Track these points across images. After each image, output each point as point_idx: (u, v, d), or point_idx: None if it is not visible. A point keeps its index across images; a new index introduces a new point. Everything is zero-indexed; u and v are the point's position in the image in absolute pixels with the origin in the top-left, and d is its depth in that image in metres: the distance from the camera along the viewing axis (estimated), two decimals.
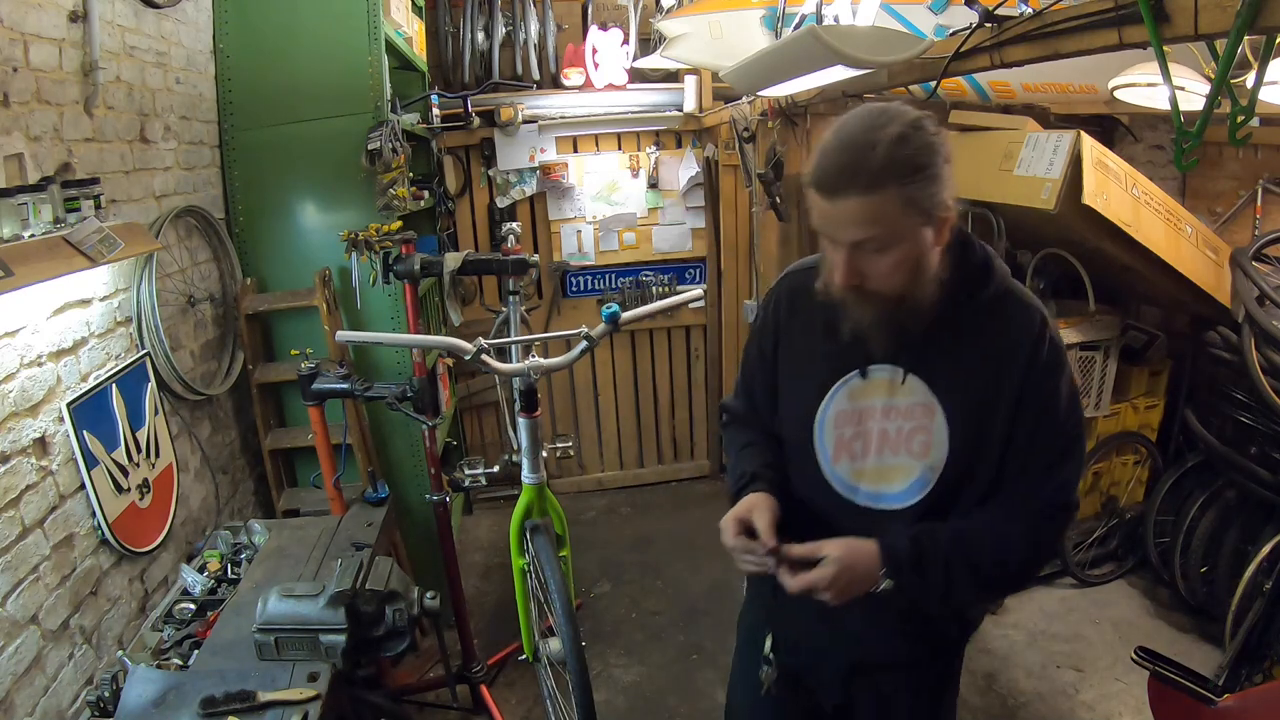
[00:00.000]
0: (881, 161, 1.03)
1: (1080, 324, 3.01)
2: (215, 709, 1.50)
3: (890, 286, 1.12)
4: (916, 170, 1.05)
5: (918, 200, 1.06)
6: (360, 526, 2.28)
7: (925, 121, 1.08)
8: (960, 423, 1.20)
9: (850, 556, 1.15)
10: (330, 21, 2.67)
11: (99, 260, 1.66)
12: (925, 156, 1.06)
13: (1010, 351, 1.18)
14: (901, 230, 1.08)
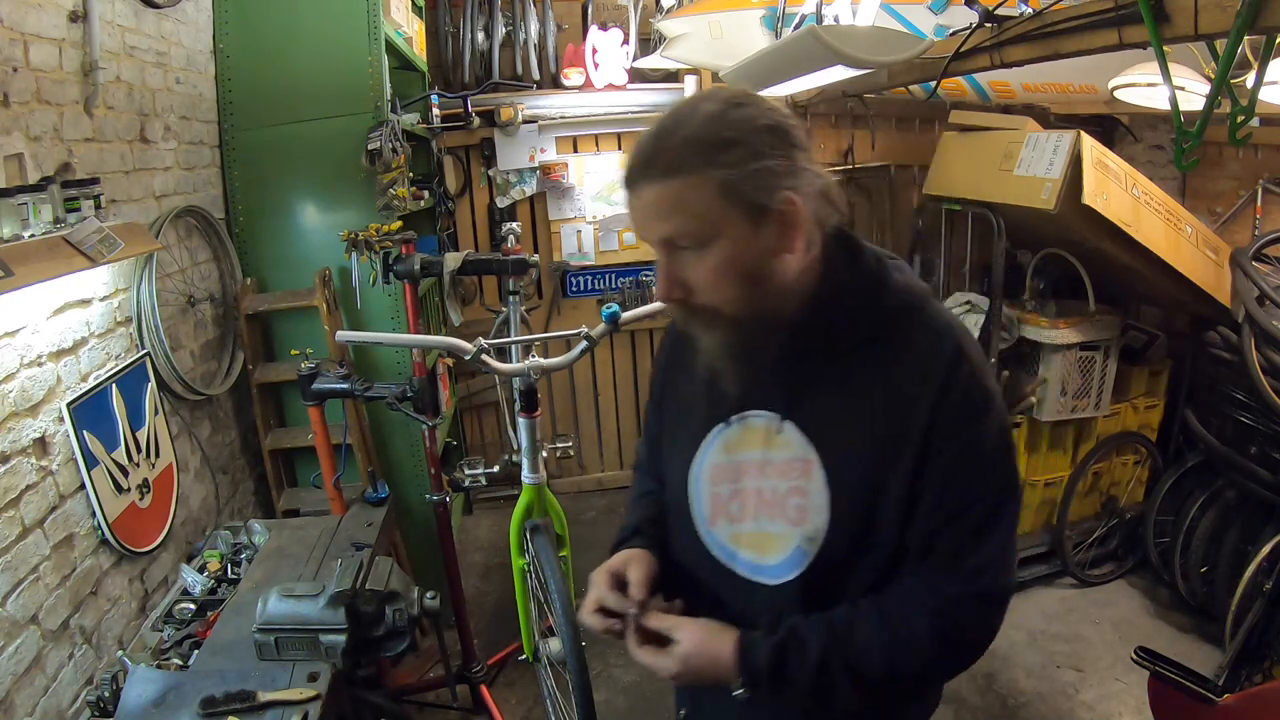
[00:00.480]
0: (682, 140, 0.86)
1: (1080, 324, 3.01)
2: (215, 709, 1.50)
3: (721, 299, 0.91)
4: (727, 146, 0.85)
5: (735, 186, 0.85)
6: (360, 526, 2.28)
7: (756, 100, 0.90)
8: (844, 482, 0.95)
9: (700, 652, 0.96)
10: (330, 21, 2.67)
11: (99, 260, 1.66)
12: (742, 133, 0.86)
13: (911, 390, 0.92)
14: (716, 223, 0.87)
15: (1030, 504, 3.28)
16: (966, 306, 3.14)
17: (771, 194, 0.87)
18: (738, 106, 0.88)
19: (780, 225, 0.89)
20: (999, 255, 2.99)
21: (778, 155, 0.87)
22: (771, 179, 0.87)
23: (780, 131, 0.89)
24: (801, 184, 0.89)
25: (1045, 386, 3.05)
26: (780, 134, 0.89)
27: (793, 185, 0.88)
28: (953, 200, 3.24)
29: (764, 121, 0.88)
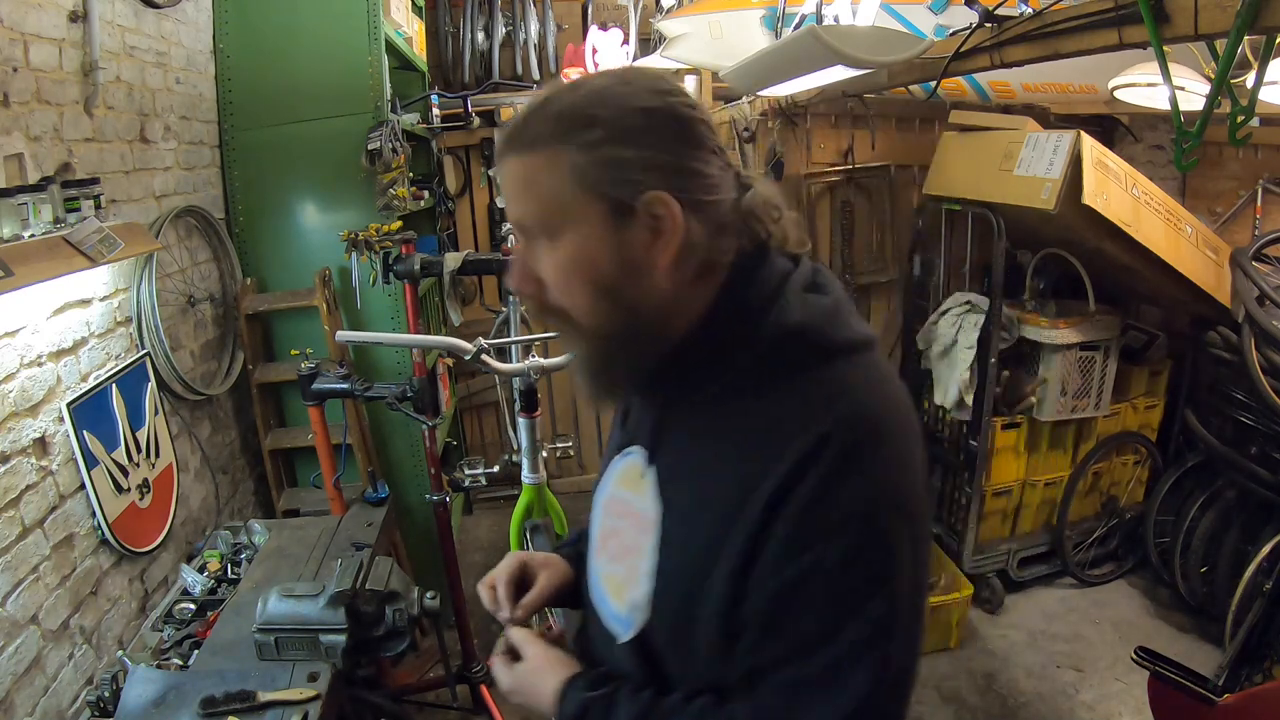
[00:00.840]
0: (551, 113, 0.74)
1: (1080, 324, 3.01)
2: (215, 709, 1.50)
3: (571, 304, 0.77)
4: (589, 125, 0.72)
5: (586, 172, 0.72)
6: (360, 526, 2.28)
7: (657, 82, 0.76)
8: (671, 558, 0.79)
9: (530, 680, 0.90)
10: (330, 21, 2.67)
11: (99, 260, 1.66)
12: (612, 113, 0.72)
13: (759, 468, 0.71)
14: (566, 211, 0.73)
15: (1030, 504, 3.28)
16: (966, 306, 3.14)
17: (634, 190, 0.72)
18: (625, 84, 0.75)
19: (647, 232, 0.73)
20: (999, 255, 2.99)
21: (653, 147, 0.73)
22: (635, 172, 0.72)
23: (670, 120, 0.74)
24: (688, 188, 0.73)
25: (1045, 386, 3.05)
26: (669, 123, 0.74)
27: (670, 186, 0.72)
28: (953, 200, 3.24)
29: (646, 104, 0.73)
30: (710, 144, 0.77)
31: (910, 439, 0.76)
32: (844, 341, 0.78)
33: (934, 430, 3.43)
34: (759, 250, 0.80)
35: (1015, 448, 3.17)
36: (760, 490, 0.70)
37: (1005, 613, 3.21)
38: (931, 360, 3.27)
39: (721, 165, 0.78)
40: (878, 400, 0.75)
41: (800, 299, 0.77)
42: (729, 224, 0.78)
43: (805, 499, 0.69)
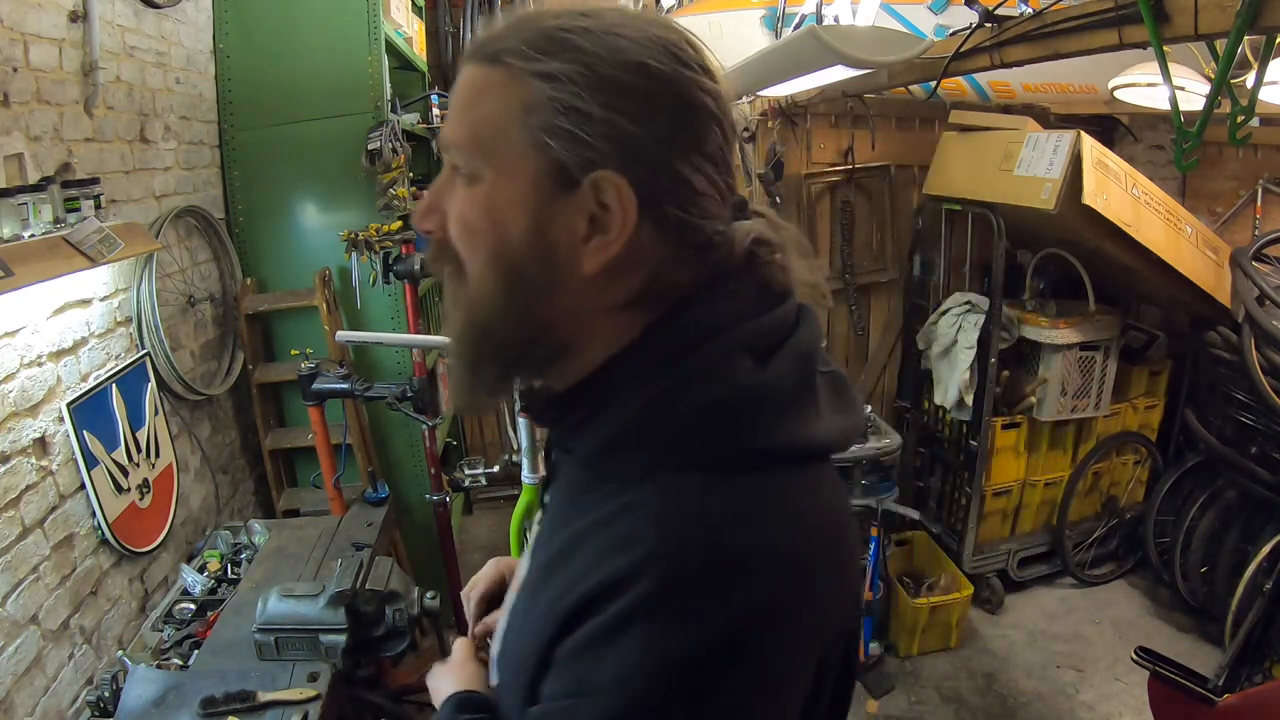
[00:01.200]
0: (530, 27, 0.59)
1: (1080, 324, 3.01)
2: (215, 709, 1.50)
3: (465, 255, 0.62)
4: (565, 55, 0.56)
5: (543, 114, 0.56)
6: (360, 526, 2.28)
7: (673, 36, 0.60)
8: (514, 628, 0.68)
9: (438, 679, 0.82)
10: (330, 21, 2.67)
11: (99, 260, 1.66)
12: (600, 51, 0.56)
13: (579, 572, 0.57)
14: (501, 147, 0.58)
15: (1030, 504, 3.28)
16: (966, 306, 3.14)
17: (586, 160, 0.56)
18: (641, 30, 0.58)
19: (584, 219, 0.58)
20: (999, 255, 2.99)
21: (635, 118, 0.56)
22: (597, 138, 0.56)
23: (673, 96, 0.58)
24: (659, 188, 0.58)
25: (1045, 386, 3.05)
26: (670, 99, 0.58)
27: (634, 176, 0.57)
28: (953, 200, 3.24)
29: (652, 63, 0.57)
30: (715, 150, 0.60)
31: (784, 616, 0.54)
32: (752, 450, 0.57)
33: (934, 430, 3.43)
34: (713, 282, 0.61)
35: (1015, 448, 3.17)
36: (560, 606, 0.56)
37: (1005, 613, 3.21)
38: (931, 360, 3.27)
39: (720, 182, 0.61)
40: (743, 550, 0.53)
41: (723, 367, 0.58)
42: (700, 258, 0.61)
43: (584, 641, 0.54)
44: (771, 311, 0.62)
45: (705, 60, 0.61)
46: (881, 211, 3.55)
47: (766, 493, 0.57)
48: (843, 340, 3.66)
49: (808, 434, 0.60)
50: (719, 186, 0.61)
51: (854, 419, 0.68)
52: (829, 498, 0.62)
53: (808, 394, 0.62)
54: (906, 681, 2.87)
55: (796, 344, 0.62)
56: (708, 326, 0.60)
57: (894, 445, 2.90)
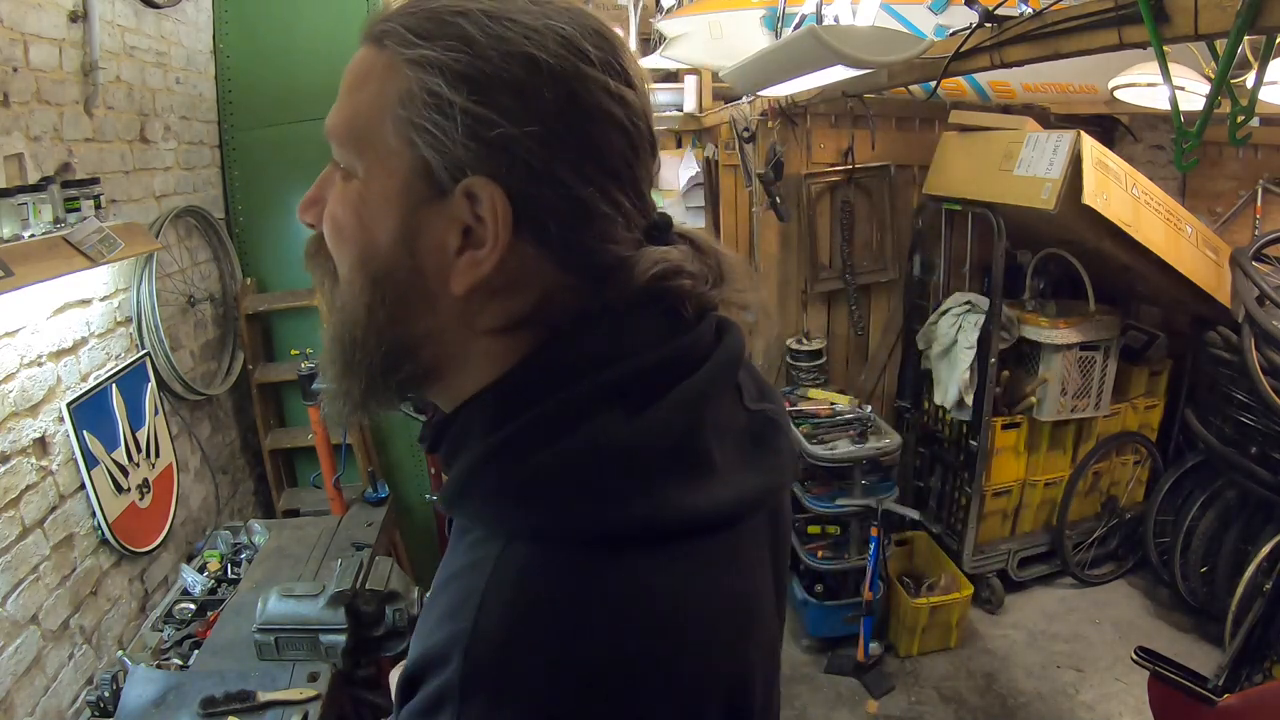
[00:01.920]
0: (420, 8, 0.53)
1: (1080, 324, 3.01)
2: (215, 709, 1.50)
3: (335, 252, 0.56)
4: (446, 42, 0.50)
5: (415, 108, 0.51)
6: (360, 526, 2.28)
7: (581, 25, 0.52)
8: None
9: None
10: (330, 22, 2.67)
11: (99, 260, 1.66)
12: (485, 40, 0.50)
13: (427, 630, 0.51)
14: (373, 141, 0.53)
15: (1030, 504, 3.28)
16: (966, 306, 3.14)
17: (457, 163, 0.50)
18: (542, 18, 0.51)
19: (454, 230, 0.51)
20: (999, 255, 2.99)
21: (517, 118, 0.49)
22: (470, 138, 0.49)
23: (569, 97, 0.50)
24: (542, 202, 0.51)
25: (1045, 386, 3.05)
26: (564, 100, 0.50)
27: (513, 185, 0.50)
28: (953, 200, 3.24)
29: (545, 56, 0.50)
30: (619, 164, 0.53)
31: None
32: (603, 524, 0.49)
33: (934, 430, 3.43)
34: (600, 312, 0.53)
35: (1015, 448, 3.17)
36: (409, 663, 0.51)
37: (1005, 613, 3.21)
38: (931, 360, 3.27)
39: (625, 202, 0.53)
40: (554, 649, 0.46)
41: (579, 418, 0.50)
42: (591, 286, 0.53)
43: (412, 710, 0.49)
44: (664, 346, 0.53)
45: (622, 61, 0.53)
46: (881, 211, 3.54)
47: (607, 578, 0.48)
48: (843, 340, 3.66)
49: (683, 504, 0.50)
50: (622, 206, 0.53)
51: (773, 475, 0.58)
52: (698, 584, 0.51)
53: (693, 452, 0.52)
54: (906, 681, 2.87)
55: (689, 389, 0.52)
56: (571, 366, 0.51)
57: (894, 445, 2.90)
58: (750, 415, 0.59)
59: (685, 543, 0.51)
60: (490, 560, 0.49)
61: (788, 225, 3.35)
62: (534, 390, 0.51)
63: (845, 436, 2.95)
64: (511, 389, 0.52)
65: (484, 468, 0.51)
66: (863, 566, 2.83)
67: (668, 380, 0.52)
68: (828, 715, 2.74)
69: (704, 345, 0.55)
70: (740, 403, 0.59)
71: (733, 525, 0.54)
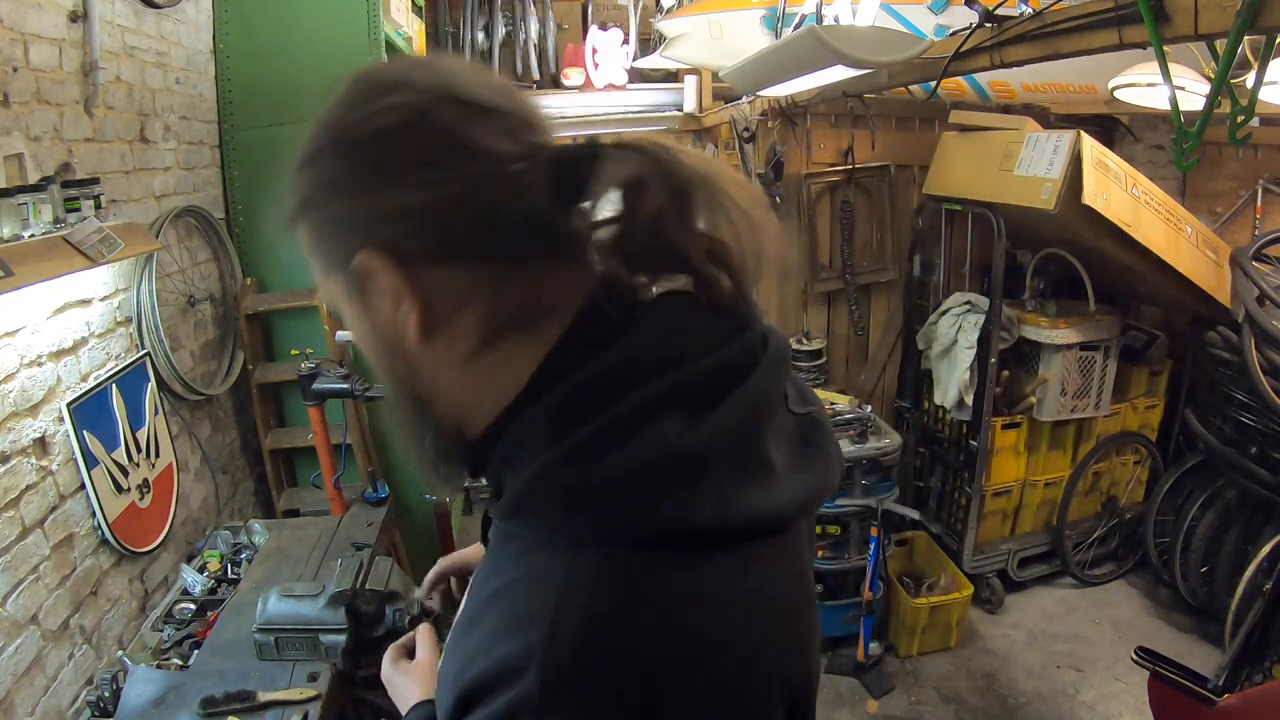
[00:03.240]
0: (308, 135, 0.59)
1: (1080, 324, 3.01)
2: (215, 709, 1.50)
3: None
4: (312, 160, 0.58)
5: (315, 225, 0.59)
6: (360, 526, 2.28)
7: (381, 77, 0.56)
8: (442, 671, 0.60)
9: (402, 680, 0.80)
10: (330, 21, 2.67)
11: (99, 260, 1.66)
12: (328, 140, 0.57)
13: (479, 646, 0.51)
14: (323, 282, 0.60)
15: (1030, 504, 3.28)
16: (966, 306, 3.14)
17: (347, 250, 0.55)
18: (358, 100, 0.55)
19: (387, 299, 0.55)
20: (999, 255, 2.99)
21: (362, 183, 0.54)
22: (343, 226, 0.55)
23: (401, 136, 0.53)
24: (398, 231, 0.53)
25: (1045, 386, 3.05)
26: (354, 143, 0.54)
27: (376, 239, 0.53)
28: (953, 200, 3.24)
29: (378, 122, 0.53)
30: (479, 143, 0.52)
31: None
32: (674, 529, 0.49)
33: (934, 430, 3.43)
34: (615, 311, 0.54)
35: (1015, 448, 3.17)
36: (463, 678, 0.51)
37: (1005, 613, 3.21)
38: (931, 360, 3.27)
39: (479, 166, 0.52)
40: (640, 652, 0.47)
41: (641, 428, 0.50)
42: (540, 251, 0.54)
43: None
44: (723, 350, 0.53)
45: (379, 74, 0.56)
46: (881, 211, 3.55)
47: (685, 583, 0.49)
48: (843, 340, 3.66)
49: (749, 507, 0.51)
50: (480, 177, 0.52)
51: (824, 476, 0.59)
52: (764, 584, 0.53)
53: (755, 454, 0.53)
54: (906, 681, 2.87)
55: (749, 393, 0.53)
56: (628, 373, 0.51)
57: (894, 445, 2.90)
58: (797, 418, 0.60)
59: (752, 544, 0.52)
60: (558, 569, 0.49)
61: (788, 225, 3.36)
62: (593, 399, 0.51)
63: (845, 436, 2.95)
64: (568, 399, 0.52)
65: (550, 476, 0.51)
66: (863, 566, 2.83)
67: (727, 384, 0.52)
68: (828, 715, 2.74)
69: (752, 349, 0.56)
70: (786, 406, 0.60)
71: (791, 526, 0.56)
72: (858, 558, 2.91)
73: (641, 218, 0.53)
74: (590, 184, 0.53)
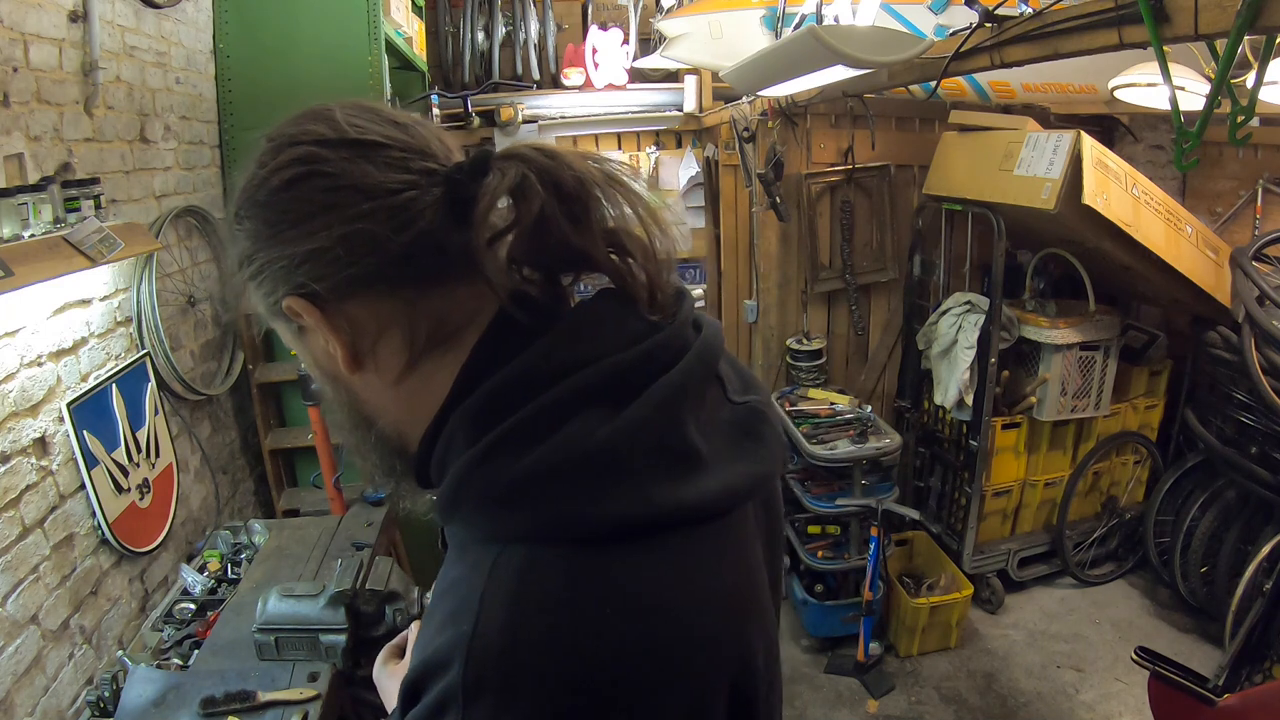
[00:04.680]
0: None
1: (1080, 324, 3.01)
2: (215, 709, 1.50)
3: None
4: (237, 220, 0.60)
5: (252, 281, 0.61)
6: (360, 526, 2.28)
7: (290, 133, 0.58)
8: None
9: (390, 681, 0.83)
10: (330, 21, 2.67)
11: (99, 260, 1.66)
12: (243, 201, 0.59)
13: (422, 642, 0.55)
14: (263, 314, 0.66)
15: (1030, 504, 3.28)
16: (966, 306, 3.14)
17: (275, 300, 0.60)
18: (262, 162, 0.58)
19: (314, 336, 0.60)
20: (999, 255, 2.99)
21: (275, 236, 0.57)
22: (269, 276, 0.59)
23: (300, 189, 0.56)
24: (309, 275, 0.56)
25: (1045, 386, 3.05)
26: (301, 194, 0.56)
27: (304, 280, 0.57)
28: (953, 200, 3.24)
29: (283, 176, 0.56)
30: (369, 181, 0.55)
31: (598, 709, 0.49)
32: (593, 522, 0.50)
33: (934, 430, 3.43)
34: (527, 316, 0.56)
35: (1015, 448, 3.17)
36: (411, 671, 0.53)
37: (1005, 613, 3.21)
38: (931, 360, 3.27)
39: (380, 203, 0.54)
40: (554, 642, 0.48)
41: (555, 425, 0.51)
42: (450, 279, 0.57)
43: (417, 716, 0.51)
44: (642, 343, 0.55)
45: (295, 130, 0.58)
46: (881, 211, 3.54)
47: (603, 573, 0.50)
48: (843, 340, 3.66)
49: (670, 498, 0.52)
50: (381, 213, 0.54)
51: (763, 465, 0.60)
52: (694, 572, 0.53)
53: (677, 446, 0.53)
54: (906, 681, 2.87)
55: (668, 384, 0.54)
56: (547, 372, 0.53)
57: (894, 445, 2.90)
58: (735, 407, 0.61)
59: (677, 534, 0.52)
60: (486, 565, 0.51)
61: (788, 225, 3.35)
62: (512, 398, 0.53)
63: (845, 436, 2.95)
64: (482, 404, 0.54)
65: (471, 476, 0.53)
66: (863, 566, 2.83)
67: (647, 377, 0.53)
68: (828, 715, 2.74)
69: (681, 340, 0.57)
70: (725, 396, 0.61)
71: (725, 515, 0.56)
72: (858, 558, 2.91)
73: (530, 223, 0.54)
74: (480, 199, 0.54)
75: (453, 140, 0.62)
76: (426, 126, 0.60)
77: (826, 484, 3.00)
